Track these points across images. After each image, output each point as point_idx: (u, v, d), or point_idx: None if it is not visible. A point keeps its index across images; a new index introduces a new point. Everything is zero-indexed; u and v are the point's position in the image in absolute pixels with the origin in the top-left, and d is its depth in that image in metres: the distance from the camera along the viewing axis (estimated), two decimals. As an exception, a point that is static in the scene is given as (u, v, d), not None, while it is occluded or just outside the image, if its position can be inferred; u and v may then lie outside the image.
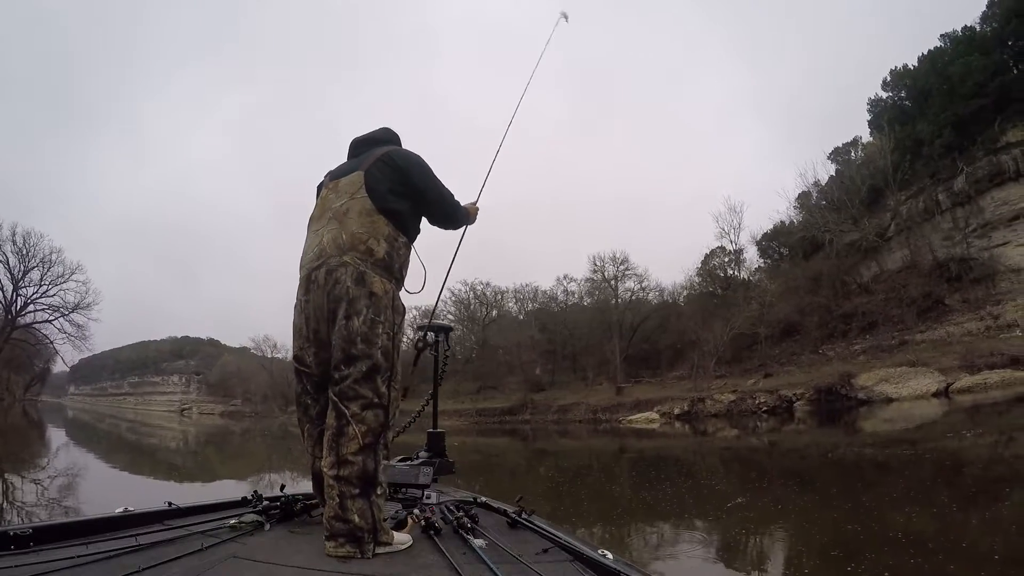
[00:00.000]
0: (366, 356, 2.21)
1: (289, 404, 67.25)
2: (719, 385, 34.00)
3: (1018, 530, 6.43)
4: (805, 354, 34.95)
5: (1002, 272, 31.03)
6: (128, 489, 12.41)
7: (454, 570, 1.87)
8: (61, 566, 1.66)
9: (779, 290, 39.66)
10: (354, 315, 2.21)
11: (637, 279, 47.76)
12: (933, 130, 35.34)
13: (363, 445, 2.16)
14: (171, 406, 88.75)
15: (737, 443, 20.88)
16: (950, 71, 35.27)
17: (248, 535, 2.21)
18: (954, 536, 6.37)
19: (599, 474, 15.45)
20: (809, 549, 6.51)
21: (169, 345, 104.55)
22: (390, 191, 2.39)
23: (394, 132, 2.74)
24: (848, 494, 9.21)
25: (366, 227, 2.31)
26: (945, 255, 33.77)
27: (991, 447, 13.44)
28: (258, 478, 15.38)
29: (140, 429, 41.97)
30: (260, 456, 23.31)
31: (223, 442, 31.79)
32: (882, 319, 33.51)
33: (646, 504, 9.83)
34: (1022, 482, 9.37)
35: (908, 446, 14.83)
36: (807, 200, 43.33)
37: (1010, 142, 31.80)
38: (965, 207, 33.66)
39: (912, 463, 12.17)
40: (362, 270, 2.26)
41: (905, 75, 40.26)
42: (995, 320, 29.23)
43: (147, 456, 22.12)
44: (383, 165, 2.44)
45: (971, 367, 25.41)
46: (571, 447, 24.24)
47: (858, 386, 27.37)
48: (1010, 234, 31.66)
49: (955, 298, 31.91)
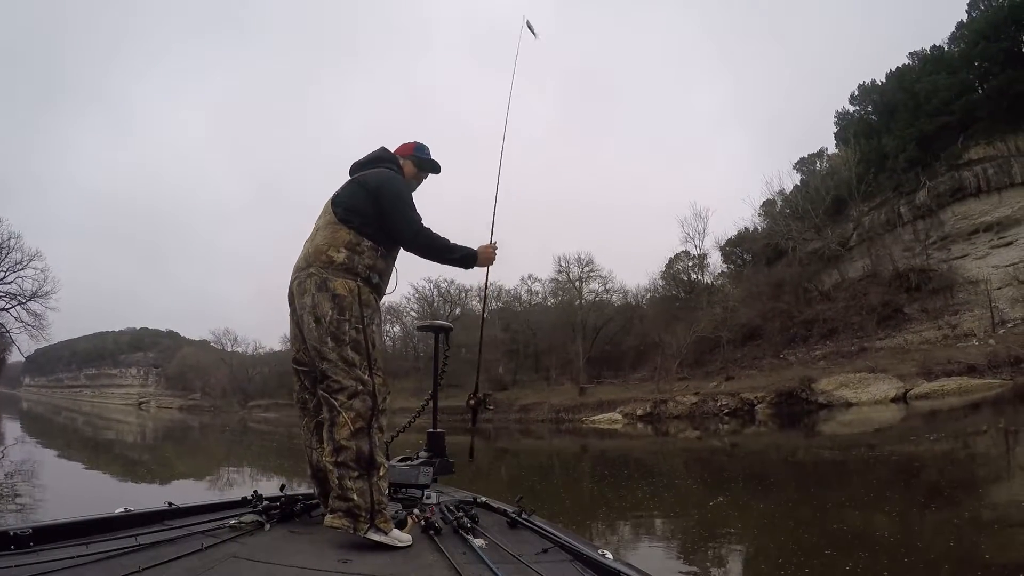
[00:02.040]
0: (337, 351, 2.43)
1: (249, 399, 68.36)
2: (681, 387, 33.99)
3: (971, 532, 6.49)
4: (766, 358, 35.20)
5: (960, 283, 31.84)
6: (83, 489, 11.79)
7: (454, 570, 1.88)
8: (61, 566, 1.66)
9: (742, 295, 40.04)
10: (321, 318, 2.46)
11: (602, 281, 48.03)
12: (898, 144, 36.14)
13: (354, 430, 2.35)
14: (129, 399, 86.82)
15: (699, 444, 20.97)
16: (917, 88, 36.18)
17: (248, 535, 2.24)
18: (908, 537, 6.46)
19: (560, 473, 15.45)
20: (767, 549, 6.50)
21: (128, 336, 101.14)
22: (354, 207, 2.62)
23: (388, 152, 2.95)
24: (807, 495, 9.35)
25: (327, 238, 2.57)
26: (905, 265, 34.49)
27: (945, 452, 13.60)
28: (216, 477, 15.11)
29: (97, 423, 41.59)
30: (219, 454, 23.00)
31: (183, 437, 31.62)
32: (842, 326, 33.96)
33: (607, 502, 9.88)
34: (975, 486, 9.48)
35: (866, 449, 14.99)
36: (771, 208, 43.87)
37: (972, 159, 32.77)
38: (926, 220, 34.56)
39: (870, 466, 12.32)
40: (324, 276, 2.50)
41: (873, 90, 41.15)
42: (952, 329, 29.90)
43: (104, 452, 21.53)
44: (354, 186, 2.72)
45: (929, 374, 25.87)
46: (533, 446, 24.12)
47: (818, 390, 27.57)
48: (968, 247, 32.56)
49: (914, 307, 32.58)
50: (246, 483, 12.84)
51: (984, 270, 31.52)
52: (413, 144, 3.04)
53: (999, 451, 13.44)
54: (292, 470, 13.56)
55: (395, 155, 2.95)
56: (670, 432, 25.49)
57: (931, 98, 34.80)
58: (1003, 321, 29.50)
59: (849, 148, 37.98)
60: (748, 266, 45.28)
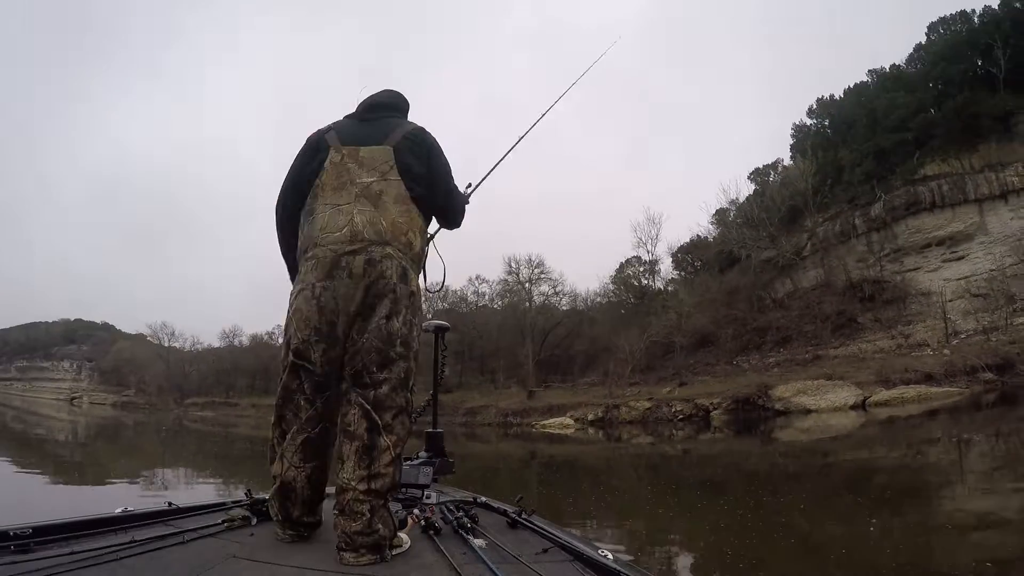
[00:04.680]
0: (404, 360, 2.04)
1: (185, 397, 65.74)
2: (634, 392, 33.20)
3: (924, 539, 6.57)
4: (720, 365, 34.80)
5: (912, 295, 32.36)
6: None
7: (454, 570, 1.83)
8: (61, 566, 1.64)
9: (694, 301, 39.72)
10: (395, 315, 2.01)
11: (551, 283, 47.28)
12: (855, 158, 36.80)
13: (395, 456, 2.02)
14: (60, 394, 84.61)
15: (652, 450, 20.70)
16: (875, 104, 36.93)
17: (248, 535, 2.15)
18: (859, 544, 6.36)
19: (505, 477, 15.01)
20: (714, 559, 6.28)
21: (61, 328, 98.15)
22: (419, 177, 2.17)
23: (405, 98, 2.46)
24: (761, 502, 9.10)
25: (405, 217, 2.11)
26: (859, 276, 34.97)
27: (900, 459, 13.67)
28: (152, 474, 14.44)
29: (27, 418, 40.65)
30: (154, 454, 21.81)
31: (115, 435, 30.55)
32: (796, 334, 34.05)
33: (553, 507, 9.31)
34: (930, 492, 9.59)
35: (821, 456, 15.29)
36: (725, 216, 43.91)
37: (928, 175, 33.51)
38: (880, 232, 35.08)
39: (827, 472, 12.52)
40: (405, 265, 2.07)
41: (831, 105, 41.85)
42: (906, 339, 30.13)
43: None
44: (412, 144, 2.20)
45: (887, 382, 25.86)
46: (479, 451, 23.40)
47: (775, 397, 27.20)
48: (921, 260, 33.17)
49: (867, 317, 32.85)
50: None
51: (936, 283, 32.14)
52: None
53: (951, 459, 13.36)
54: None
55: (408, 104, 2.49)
56: (623, 437, 24.97)
57: (889, 114, 35.63)
58: (956, 332, 29.91)
59: (807, 159, 38.31)
60: (700, 273, 45.27)
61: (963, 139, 32.92)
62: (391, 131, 2.19)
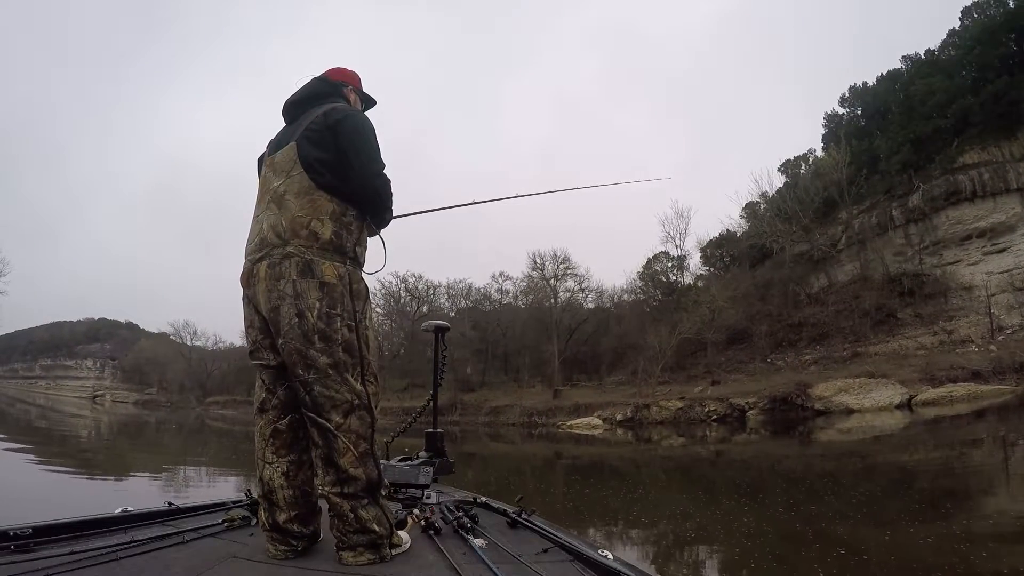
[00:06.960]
0: (326, 355, 1.96)
1: (207, 395, 67.86)
2: (664, 392, 32.58)
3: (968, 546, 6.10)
4: (754, 362, 34.00)
5: (953, 289, 31.29)
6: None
7: (454, 570, 1.83)
8: (61, 565, 1.65)
9: (727, 296, 38.69)
10: (306, 311, 1.96)
11: (577, 279, 46.06)
12: (891, 147, 35.62)
13: (359, 455, 1.97)
14: (83, 392, 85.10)
15: (683, 452, 20.22)
16: (911, 91, 35.69)
17: (248, 535, 2.17)
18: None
19: (531, 480, 14.38)
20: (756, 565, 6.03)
21: (85, 327, 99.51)
22: (327, 162, 2.07)
23: (328, 83, 2.33)
24: (801, 507, 8.85)
25: (307, 208, 2.03)
26: (897, 270, 33.88)
27: (945, 461, 13.20)
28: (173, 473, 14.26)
29: (50, 415, 40.33)
30: (173, 451, 21.35)
31: (137, 434, 30.02)
32: (833, 330, 33.11)
33: (577, 514, 9.23)
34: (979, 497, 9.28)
35: (860, 458, 14.75)
36: (755, 209, 42.87)
37: (967, 163, 32.33)
38: (919, 224, 33.98)
39: (868, 475, 11.96)
40: (308, 258, 1.99)
41: (864, 93, 40.64)
42: (949, 335, 29.21)
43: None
44: (313, 132, 2.10)
45: (933, 380, 25.20)
46: (502, 451, 23.20)
47: (815, 396, 26.57)
48: (961, 253, 32.12)
49: (907, 312, 31.83)
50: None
51: (978, 276, 31.12)
52: (354, 73, 2.44)
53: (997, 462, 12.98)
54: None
55: (336, 83, 2.34)
56: (653, 439, 24.35)
57: (926, 101, 34.46)
58: (1000, 328, 28.97)
59: (840, 149, 37.10)
60: (730, 268, 44.18)
61: (1003, 125, 31.77)
62: (300, 126, 2.14)
